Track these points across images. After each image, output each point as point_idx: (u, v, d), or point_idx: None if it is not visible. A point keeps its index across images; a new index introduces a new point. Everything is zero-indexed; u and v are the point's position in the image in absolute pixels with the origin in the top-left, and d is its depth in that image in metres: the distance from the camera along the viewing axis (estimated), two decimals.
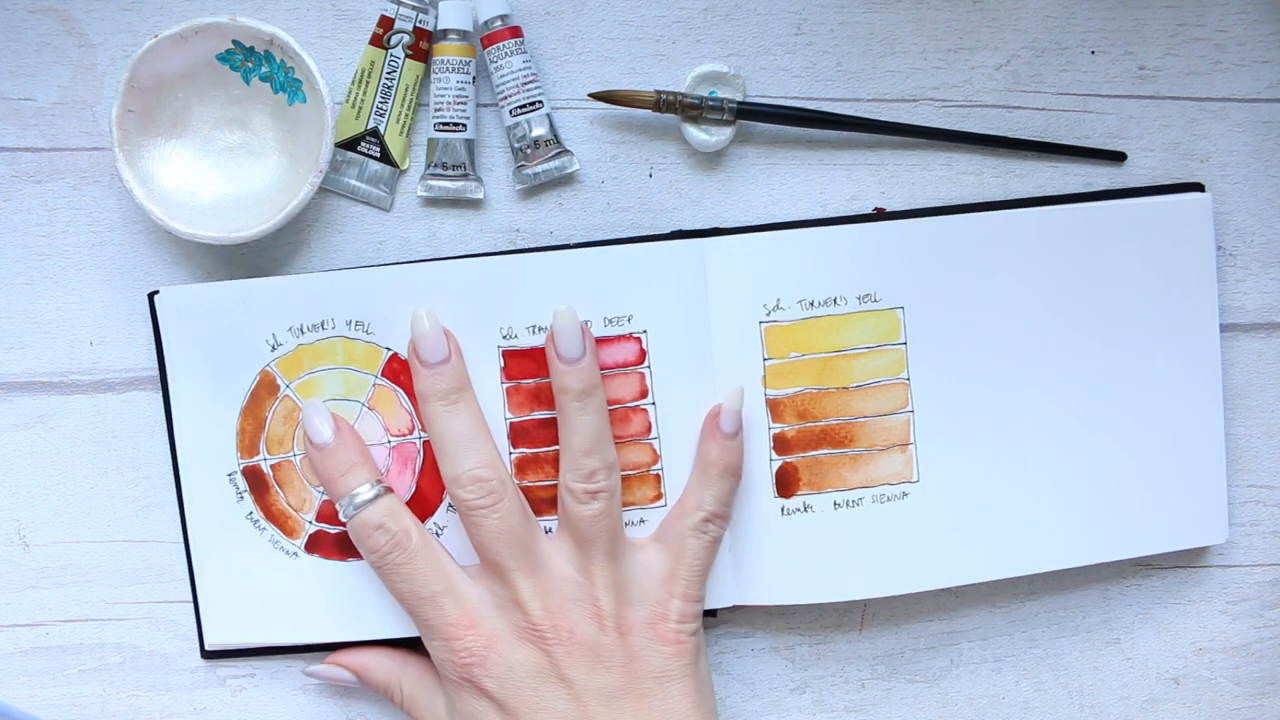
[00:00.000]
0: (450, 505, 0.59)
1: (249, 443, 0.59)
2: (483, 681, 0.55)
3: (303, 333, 0.58)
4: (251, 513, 0.59)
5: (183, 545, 0.60)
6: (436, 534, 0.59)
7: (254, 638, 0.60)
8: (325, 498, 0.59)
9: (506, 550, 0.56)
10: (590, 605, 0.56)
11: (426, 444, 0.59)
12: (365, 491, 0.56)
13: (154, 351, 0.59)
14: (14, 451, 0.61)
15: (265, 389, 0.58)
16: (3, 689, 0.61)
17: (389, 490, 0.57)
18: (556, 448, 0.58)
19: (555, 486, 0.58)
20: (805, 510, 0.60)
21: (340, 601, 0.59)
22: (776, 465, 0.60)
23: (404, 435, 0.59)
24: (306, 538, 0.59)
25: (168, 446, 0.59)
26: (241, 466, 0.59)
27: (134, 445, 0.61)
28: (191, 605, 0.60)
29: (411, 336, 0.57)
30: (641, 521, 0.59)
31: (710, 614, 0.61)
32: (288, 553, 0.59)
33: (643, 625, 0.56)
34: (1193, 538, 0.63)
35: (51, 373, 0.60)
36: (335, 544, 0.59)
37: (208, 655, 0.61)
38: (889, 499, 0.60)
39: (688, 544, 0.57)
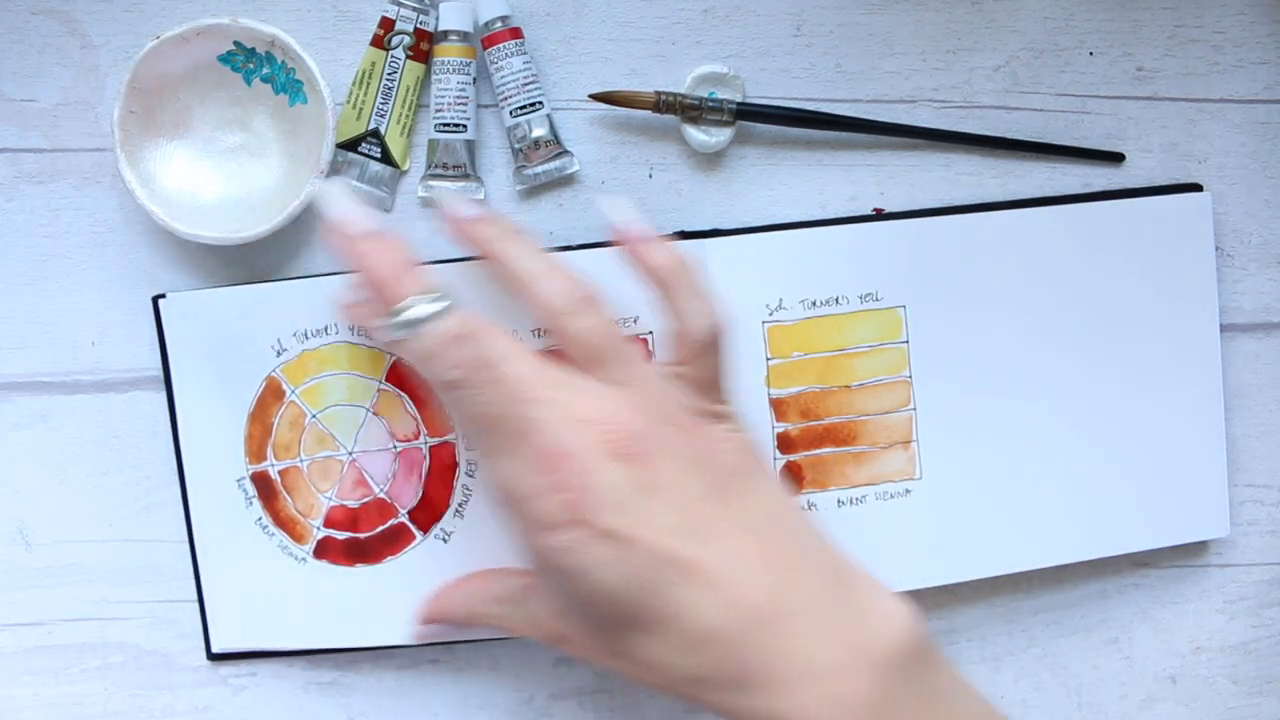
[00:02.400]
0: (457, 510, 0.59)
1: (256, 448, 0.59)
2: (597, 517, 0.47)
3: (307, 338, 0.58)
4: (260, 518, 0.59)
5: (186, 545, 0.59)
6: (443, 540, 0.59)
7: (261, 642, 0.60)
8: (332, 503, 0.59)
9: (607, 347, 0.50)
10: (663, 405, 0.50)
11: (433, 450, 0.59)
12: (431, 301, 0.47)
13: (156, 351, 0.59)
14: (16, 451, 0.60)
15: (271, 394, 0.58)
16: (5, 688, 0.61)
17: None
18: None
19: None
20: (810, 508, 0.60)
21: (348, 606, 0.59)
22: (781, 464, 0.60)
23: (410, 440, 0.59)
24: (315, 543, 0.59)
25: (170, 447, 0.59)
26: (250, 472, 0.59)
27: (136, 445, 0.61)
28: (194, 604, 0.60)
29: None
30: None
31: None
32: (296, 558, 0.59)
33: (700, 428, 0.51)
34: (1194, 532, 0.63)
35: (53, 372, 0.60)
36: (343, 549, 0.59)
37: (214, 658, 0.60)
38: (892, 496, 0.60)
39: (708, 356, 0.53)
